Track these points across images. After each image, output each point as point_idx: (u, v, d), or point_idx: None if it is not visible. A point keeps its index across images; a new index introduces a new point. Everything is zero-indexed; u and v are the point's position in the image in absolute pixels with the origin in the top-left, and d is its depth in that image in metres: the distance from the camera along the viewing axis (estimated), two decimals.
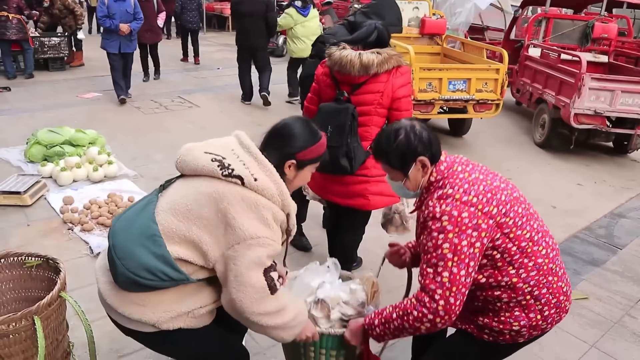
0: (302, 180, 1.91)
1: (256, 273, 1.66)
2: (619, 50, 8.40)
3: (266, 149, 1.82)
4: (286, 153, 1.81)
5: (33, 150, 5.15)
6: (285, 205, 1.77)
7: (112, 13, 7.17)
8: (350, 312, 1.99)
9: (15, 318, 1.99)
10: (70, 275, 2.32)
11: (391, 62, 2.74)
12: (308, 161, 1.86)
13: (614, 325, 3.25)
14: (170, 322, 1.75)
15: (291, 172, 1.84)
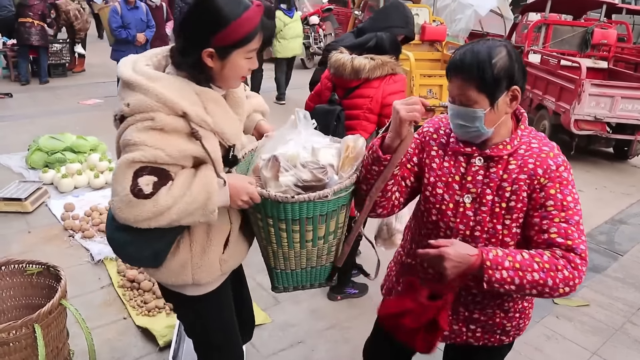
0: (236, 70, 1.54)
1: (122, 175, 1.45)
2: (618, 56, 8.41)
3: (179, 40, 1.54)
4: (198, 40, 1.48)
5: (34, 156, 5.16)
6: (174, 105, 1.43)
7: (126, 23, 7.02)
8: (307, 176, 1.58)
9: (15, 326, 1.99)
10: (71, 283, 2.32)
11: (384, 68, 2.77)
12: (231, 46, 1.48)
13: (615, 332, 3.25)
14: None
15: (215, 64, 1.51)
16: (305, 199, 1.53)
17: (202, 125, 1.49)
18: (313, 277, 1.81)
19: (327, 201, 1.57)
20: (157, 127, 1.44)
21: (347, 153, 1.64)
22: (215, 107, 1.53)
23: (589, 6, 9.05)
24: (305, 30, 11.81)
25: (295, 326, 3.06)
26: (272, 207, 1.57)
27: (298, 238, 1.64)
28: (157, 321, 2.95)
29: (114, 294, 3.24)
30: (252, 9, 1.47)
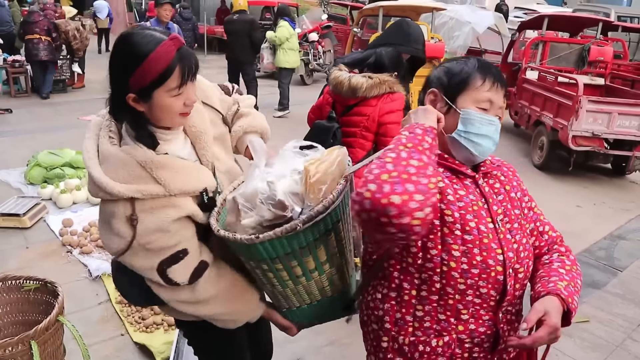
0: (165, 110, 1.44)
1: (151, 276, 1.50)
2: (615, 73, 8.48)
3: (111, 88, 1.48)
4: (120, 86, 1.42)
5: (33, 172, 5.17)
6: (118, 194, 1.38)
7: None
8: (268, 215, 1.39)
9: (12, 343, 1.98)
10: (69, 299, 2.31)
11: (382, 87, 2.75)
12: (148, 87, 1.38)
13: (615, 348, 3.23)
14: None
15: (144, 107, 1.43)
16: (272, 237, 1.35)
17: (154, 196, 1.43)
18: (325, 310, 1.67)
19: (302, 232, 1.37)
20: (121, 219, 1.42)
21: (307, 179, 1.41)
22: (164, 172, 1.44)
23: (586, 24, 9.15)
24: (305, 47, 11.91)
25: (293, 342, 3.03)
26: (243, 250, 1.46)
27: (287, 276, 1.49)
28: (155, 337, 2.93)
29: (111, 310, 3.22)
30: (164, 44, 1.36)
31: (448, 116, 1.40)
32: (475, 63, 1.44)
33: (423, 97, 1.50)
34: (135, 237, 1.42)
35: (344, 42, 11.59)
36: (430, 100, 1.46)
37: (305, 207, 1.39)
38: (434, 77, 1.49)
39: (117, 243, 1.45)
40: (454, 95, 1.42)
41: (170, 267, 1.47)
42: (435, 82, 1.47)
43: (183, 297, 1.54)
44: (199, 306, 1.57)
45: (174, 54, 1.37)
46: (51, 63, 9.03)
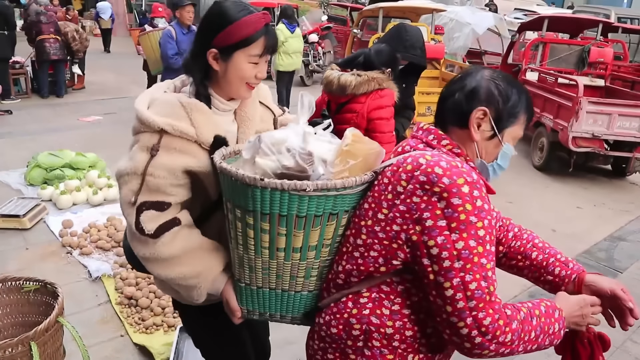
0: (240, 72, 1.54)
1: (129, 213, 1.50)
2: (615, 74, 8.48)
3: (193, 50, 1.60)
4: (204, 41, 1.55)
5: (33, 173, 5.17)
6: (150, 123, 1.47)
7: (182, 49, 5.92)
8: (289, 162, 1.32)
9: (11, 344, 1.98)
10: (69, 300, 2.31)
11: (371, 84, 2.80)
12: (232, 46, 1.50)
13: (616, 350, 3.22)
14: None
15: (220, 66, 1.55)
16: (277, 186, 1.25)
17: (183, 136, 1.48)
18: (285, 305, 1.50)
19: (307, 198, 1.27)
20: (143, 147, 1.49)
21: (344, 144, 1.36)
22: (200, 117, 1.52)
23: (586, 25, 9.15)
24: (305, 48, 11.91)
25: (293, 344, 3.04)
26: (238, 191, 1.32)
27: (267, 241, 1.35)
28: (154, 338, 2.93)
29: (111, 311, 3.22)
30: (256, 14, 1.52)
31: (490, 142, 1.37)
32: (527, 98, 1.39)
33: (460, 100, 1.36)
34: (147, 166, 1.46)
35: (344, 44, 11.60)
36: (477, 118, 1.34)
37: (326, 174, 1.32)
38: (485, 91, 1.34)
39: (126, 165, 1.50)
40: (504, 126, 1.36)
41: (148, 210, 1.48)
42: (486, 99, 1.34)
43: (146, 252, 1.50)
44: (160, 265, 1.51)
45: (262, 26, 1.51)
46: (62, 62, 9.16)
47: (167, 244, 1.49)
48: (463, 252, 1.18)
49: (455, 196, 1.18)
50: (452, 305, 1.20)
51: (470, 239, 1.18)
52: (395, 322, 1.32)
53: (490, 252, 1.21)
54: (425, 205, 1.21)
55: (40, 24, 8.82)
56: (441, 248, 1.19)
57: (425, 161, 1.24)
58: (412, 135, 1.42)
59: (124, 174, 1.50)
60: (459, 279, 1.18)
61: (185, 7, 5.92)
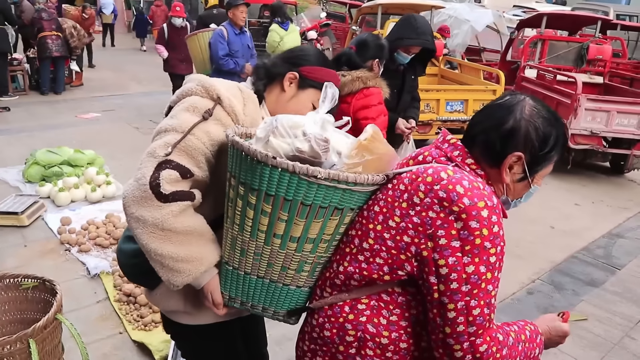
0: (299, 105, 1.65)
1: (147, 164, 1.39)
2: (613, 72, 8.48)
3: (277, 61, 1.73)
4: (291, 63, 1.68)
5: (31, 170, 5.16)
6: (209, 88, 1.51)
7: (233, 50, 5.67)
8: (303, 146, 1.28)
9: (10, 341, 1.97)
10: (67, 297, 2.31)
11: (355, 84, 2.78)
12: (311, 81, 1.65)
13: (614, 346, 3.23)
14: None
15: (291, 89, 1.66)
16: (287, 167, 1.21)
17: (231, 116, 1.52)
18: (270, 297, 1.45)
19: (316, 186, 1.23)
20: (192, 108, 1.49)
21: (363, 137, 1.34)
22: (253, 107, 1.59)
23: (584, 22, 9.14)
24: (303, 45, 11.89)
25: (292, 340, 3.02)
26: (247, 167, 1.27)
27: (265, 225, 1.30)
28: (153, 336, 2.93)
29: (110, 309, 3.22)
30: (335, 73, 1.76)
31: (519, 183, 1.31)
32: (564, 137, 1.32)
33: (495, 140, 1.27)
34: (194, 126, 1.44)
35: (343, 40, 11.58)
36: (511, 162, 1.27)
37: (339, 164, 1.29)
38: (523, 135, 1.25)
39: (168, 121, 1.48)
40: (537, 170, 1.31)
41: (172, 170, 1.38)
42: (523, 143, 1.26)
43: (148, 216, 1.37)
44: (158, 237, 1.38)
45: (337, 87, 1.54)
46: (63, 59, 9.17)
47: (174, 216, 1.38)
48: (472, 276, 1.16)
49: (474, 219, 1.15)
50: (452, 327, 1.18)
51: (481, 265, 1.16)
52: (392, 333, 1.29)
53: (497, 278, 1.20)
54: (442, 222, 1.18)
55: (42, 21, 8.81)
56: (451, 269, 1.16)
57: (447, 176, 1.21)
58: (437, 145, 1.36)
59: (163, 130, 1.46)
60: (463, 303, 1.17)
61: (238, 6, 5.66)
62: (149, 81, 10.37)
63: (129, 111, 8.39)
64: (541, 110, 1.27)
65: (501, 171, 1.28)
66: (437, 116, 6.19)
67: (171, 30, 7.65)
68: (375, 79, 2.84)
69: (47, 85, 9.16)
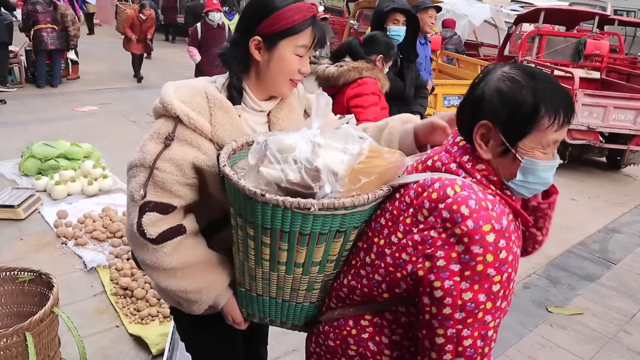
0: (284, 64, 1.43)
1: (132, 210, 1.41)
2: (610, 67, 8.48)
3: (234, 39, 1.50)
4: (247, 29, 1.43)
5: (27, 163, 5.14)
6: (167, 106, 1.38)
7: (419, 63, 4.51)
8: (293, 176, 1.20)
9: (6, 334, 1.97)
10: (64, 290, 2.31)
11: (351, 74, 2.77)
12: (277, 33, 1.40)
13: (609, 340, 3.25)
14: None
15: (262, 56, 1.43)
16: (279, 203, 1.15)
17: (197, 131, 1.40)
18: (285, 314, 1.47)
19: (312, 217, 1.18)
20: (155, 135, 1.41)
21: (358, 162, 1.22)
22: (222, 115, 1.42)
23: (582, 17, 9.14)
24: None
25: (289, 334, 3.03)
26: (240, 201, 1.25)
27: (268, 254, 1.28)
28: (150, 329, 2.93)
29: (106, 302, 3.22)
30: (304, 3, 1.42)
31: (504, 158, 1.16)
32: (552, 92, 1.12)
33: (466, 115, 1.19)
34: (157, 158, 1.37)
35: (341, 35, 11.55)
36: (481, 134, 1.16)
37: (334, 191, 1.19)
38: (487, 101, 1.14)
39: (135, 156, 1.43)
40: (517, 138, 1.14)
41: (152, 212, 1.39)
42: (488, 110, 1.14)
43: (147, 259, 1.42)
44: (161, 275, 1.44)
45: (310, 15, 1.41)
46: (59, 52, 9.11)
47: (169, 255, 1.41)
48: (468, 304, 1.06)
49: (477, 244, 1.05)
50: (439, 354, 1.11)
51: (480, 293, 1.06)
52: (393, 352, 1.25)
53: (499, 308, 1.10)
54: (442, 243, 1.08)
55: (37, 14, 8.74)
56: (446, 293, 1.07)
57: (453, 194, 1.10)
58: (446, 149, 1.24)
59: (133, 165, 1.43)
60: (454, 331, 1.08)
61: (427, 10, 4.61)
62: (146, 74, 10.31)
63: (125, 104, 8.35)
64: (512, 73, 1.14)
65: (475, 147, 1.17)
66: (435, 111, 6.19)
67: (205, 30, 6.80)
68: (373, 70, 2.82)
69: (44, 79, 9.10)
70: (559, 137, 1.16)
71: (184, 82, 1.48)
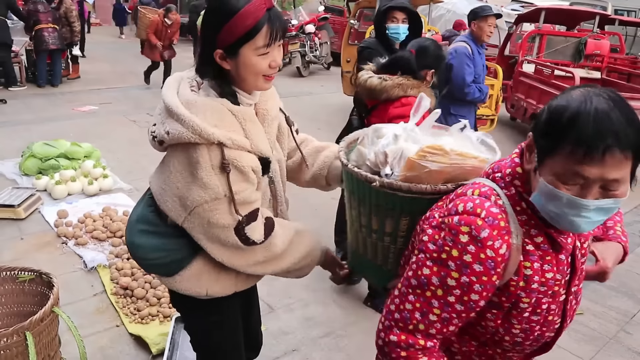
0: (251, 68, 1.45)
1: (225, 234, 1.50)
2: (611, 67, 8.50)
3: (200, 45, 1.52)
4: (209, 42, 1.45)
5: (28, 163, 5.14)
6: (209, 136, 1.39)
7: (476, 75, 4.37)
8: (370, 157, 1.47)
9: (6, 333, 1.97)
10: (64, 290, 2.31)
11: (395, 91, 2.58)
12: (235, 43, 1.41)
13: (609, 341, 3.25)
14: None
15: (230, 65, 1.46)
16: (351, 171, 1.44)
17: (239, 148, 1.45)
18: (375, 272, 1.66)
19: (377, 191, 1.39)
20: (210, 167, 1.44)
21: (414, 154, 1.36)
22: (252, 127, 1.50)
23: (583, 17, 9.15)
24: (301, 39, 11.87)
25: (289, 334, 3.05)
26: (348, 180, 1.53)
27: (356, 214, 1.53)
28: (150, 329, 2.93)
29: (106, 302, 3.22)
30: (255, 1, 1.39)
31: (535, 175, 1.10)
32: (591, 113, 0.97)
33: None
34: (230, 186, 1.43)
35: (341, 34, 11.55)
36: (528, 143, 1.13)
37: (392, 174, 1.39)
38: (541, 112, 1.10)
39: (200, 194, 1.45)
40: (544, 156, 1.05)
41: (249, 224, 1.50)
42: (537, 120, 1.10)
43: (259, 258, 1.58)
44: (275, 263, 1.62)
45: (263, 12, 1.40)
46: (60, 51, 9.11)
47: (275, 244, 1.58)
48: (422, 278, 1.16)
49: (450, 237, 1.12)
50: (390, 300, 1.25)
51: (435, 275, 1.13)
52: None
53: (450, 304, 1.13)
54: (435, 224, 1.19)
55: (38, 14, 8.75)
56: (416, 262, 1.19)
57: (470, 193, 1.17)
58: (511, 158, 1.22)
59: (202, 202, 1.45)
60: (404, 290, 1.20)
61: (488, 18, 4.36)
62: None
63: (126, 104, 8.36)
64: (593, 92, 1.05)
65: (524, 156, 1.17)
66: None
67: None
68: (419, 88, 2.59)
69: (44, 78, 9.11)
70: (598, 173, 0.97)
71: (193, 100, 1.45)
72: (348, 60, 8.43)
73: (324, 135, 2.40)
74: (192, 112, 1.41)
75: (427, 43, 2.78)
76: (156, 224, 1.62)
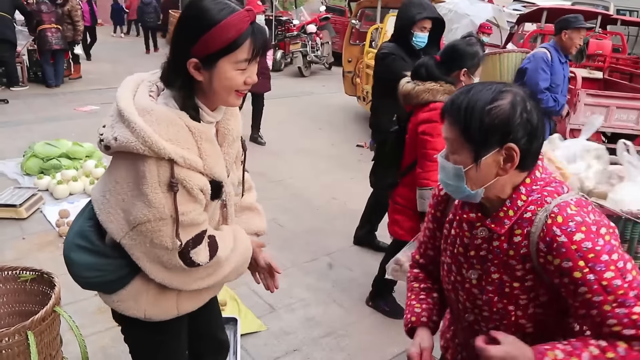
0: (226, 82, 1.36)
1: (167, 256, 1.42)
2: (613, 67, 8.47)
3: (169, 54, 1.42)
4: (182, 50, 1.34)
5: (30, 163, 5.15)
6: (160, 151, 1.29)
7: (554, 84, 4.29)
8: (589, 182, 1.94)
9: (8, 333, 1.97)
10: (65, 290, 2.31)
11: (424, 95, 2.57)
12: (214, 54, 1.32)
13: None
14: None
15: (204, 76, 1.36)
16: None
17: (191, 168, 1.37)
18: None
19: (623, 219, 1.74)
20: (157, 184, 1.35)
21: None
22: (208, 147, 1.40)
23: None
24: (303, 39, 11.87)
25: (290, 334, 3.05)
26: None
27: None
28: None
29: None
30: (239, 13, 1.31)
31: None
32: None
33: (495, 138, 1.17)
34: (176, 206, 1.35)
35: (342, 34, 11.54)
36: (503, 157, 1.18)
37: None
38: (516, 124, 1.16)
39: (144, 212, 1.35)
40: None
41: (195, 248, 1.43)
42: (515, 133, 1.16)
43: (202, 274, 1.52)
44: (217, 274, 1.57)
45: (247, 26, 1.32)
46: (63, 52, 9.14)
47: (221, 255, 1.53)
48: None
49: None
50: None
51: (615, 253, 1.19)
52: None
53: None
54: None
55: (42, 14, 8.77)
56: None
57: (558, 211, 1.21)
58: None
59: (145, 221, 1.36)
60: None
61: (580, 30, 4.37)
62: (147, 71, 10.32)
63: None
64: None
65: None
66: None
67: None
68: (450, 93, 2.51)
69: (53, 78, 9.11)
70: None
71: (150, 108, 1.35)
72: (349, 60, 8.42)
73: (324, 135, 2.40)
74: (146, 121, 1.31)
75: (454, 45, 2.68)
76: (92, 242, 1.50)
